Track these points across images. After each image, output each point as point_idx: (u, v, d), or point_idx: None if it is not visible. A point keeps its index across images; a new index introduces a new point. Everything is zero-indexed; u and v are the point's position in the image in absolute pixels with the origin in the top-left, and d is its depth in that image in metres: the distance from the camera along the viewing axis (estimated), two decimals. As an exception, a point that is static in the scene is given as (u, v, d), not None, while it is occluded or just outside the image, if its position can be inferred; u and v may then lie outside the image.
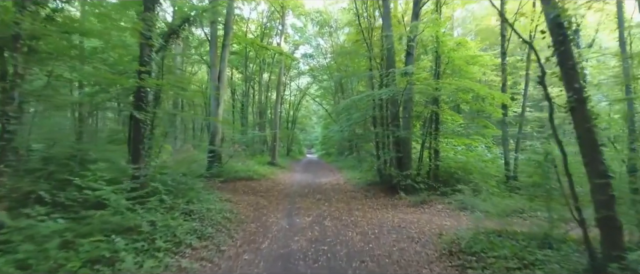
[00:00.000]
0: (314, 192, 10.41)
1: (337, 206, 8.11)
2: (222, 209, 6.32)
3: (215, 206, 6.29)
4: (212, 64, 12.56)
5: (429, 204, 8.19)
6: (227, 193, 9.01)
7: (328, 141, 31.67)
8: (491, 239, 4.85)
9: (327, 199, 9.24)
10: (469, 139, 10.63)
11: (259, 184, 11.28)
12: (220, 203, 7.00)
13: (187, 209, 5.39)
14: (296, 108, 33.71)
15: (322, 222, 6.55)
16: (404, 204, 8.41)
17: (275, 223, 6.43)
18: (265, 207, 7.80)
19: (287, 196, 9.60)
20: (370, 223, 6.50)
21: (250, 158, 20.05)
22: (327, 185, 12.15)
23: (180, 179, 6.19)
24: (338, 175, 15.60)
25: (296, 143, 36.39)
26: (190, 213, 5.36)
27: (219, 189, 9.44)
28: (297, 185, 11.95)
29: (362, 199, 9.18)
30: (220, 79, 12.58)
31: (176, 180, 5.88)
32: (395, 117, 9.75)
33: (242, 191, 9.79)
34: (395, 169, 9.32)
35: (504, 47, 11.10)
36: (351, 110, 10.82)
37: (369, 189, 10.50)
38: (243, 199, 8.48)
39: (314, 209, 7.72)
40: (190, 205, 5.57)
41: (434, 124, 10.52)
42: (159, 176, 5.78)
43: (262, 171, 13.78)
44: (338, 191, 10.73)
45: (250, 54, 24.84)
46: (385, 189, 9.89)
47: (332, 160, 26.52)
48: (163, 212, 4.87)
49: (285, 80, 29.56)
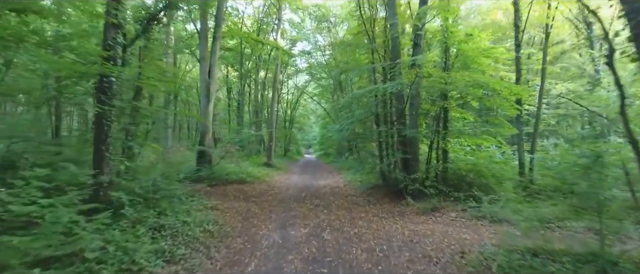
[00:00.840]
0: (312, 196, 9.49)
1: (338, 214, 7.19)
2: (203, 221, 5.38)
3: (195, 217, 5.34)
4: (201, 57, 11.61)
5: (440, 212, 7.28)
6: (214, 199, 8.08)
7: (326, 141, 30.76)
8: (529, 261, 3.94)
9: (326, 205, 8.33)
10: (481, 139, 9.71)
11: (252, 188, 10.35)
12: (203, 212, 6.07)
13: (157, 224, 4.44)
14: (294, 107, 32.78)
15: (321, 234, 5.62)
16: (412, 211, 7.49)
17: (266, 236, 5.50)
18: (256, 215, 6.86)
19: (282, 201, 8.68)
20: (377, 235, 5.58)
21: (246, 159, 19.11)
22: (326, 188, 11.23)
23: (155, 185, 5.24)
24: (337, 177, 14.69)
25: (294, 143, 35.47)
26: (161, 229, 4.42)
27: (206, 195, 8.51)
28: (294, 188, 11.03)
29: (364, 205, 8.27)
30: (211, 74, 11.64)
31: (145, 187, 4.91)
32: (402, 114, 8.83)
33: (233, 196, 8.86)
34: (401, 172, 8.40)
35: (517, 38, 10.22)
36: (353, 106, 9.87)
37: (371, 193, 9.58)
38: (232, 206, 7.55)
39: (312, 218, 6.80)
40: (162, 218, 4.62)
41: (442, 122, 9.62)
42: (126, 183, 4.82)
43: (257, 173, 12.85)
44: (338, 195, 9.81)
45: (245, 50, 23.95)
46: (390, 194, 8.98)
47: (331, 161, 25.61)
48: (124, 229, 3.94)
49: (282, 78, 28.65)
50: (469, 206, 7.42)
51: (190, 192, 7.90)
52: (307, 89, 32.19)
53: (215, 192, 9.24)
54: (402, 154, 8.15)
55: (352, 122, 9.29)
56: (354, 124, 9.78)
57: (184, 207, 5.50)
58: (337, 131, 9.46)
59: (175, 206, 5.17)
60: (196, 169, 11.11)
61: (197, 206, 6.61)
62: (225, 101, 28.47)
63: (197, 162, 11.27)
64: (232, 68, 25.98)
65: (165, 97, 19.51)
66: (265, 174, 13.52)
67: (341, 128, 9.11)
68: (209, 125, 11.47)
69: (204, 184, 10.18)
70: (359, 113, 9.23)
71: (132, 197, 4.51)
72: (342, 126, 9.04)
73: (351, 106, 9.75)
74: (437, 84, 8.65)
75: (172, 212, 4.90)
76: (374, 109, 9.43)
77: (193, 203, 6.55)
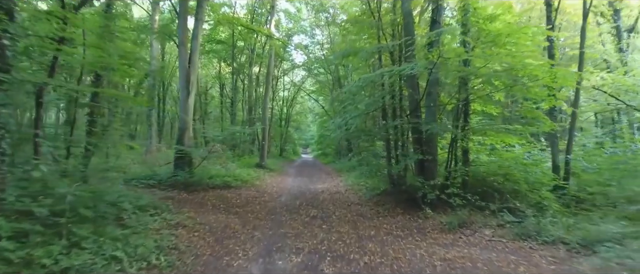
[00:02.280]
0: (308, 205, 7.92)
1: (341, 232, 5.63)
2: (152, 251, 3.78)
3: (141, 245, 3.74)
4: (180, 42, 10.00)
5: (470, 228, 5.72)
6: (187, 211, 6.49)
7: (325, 140, 29.18)
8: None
9: (325, 216, 6.76)
10: (508, 136, 8.17)
11: (238, 195, 8.76)
12: (160, 235, 4.47)
13: (54, 270, 2.79)
14: (290, 104, 31.17)
15: (319, 267, 4.05)
16: (434, 226, 5.94)
17: (241, 269, 3.93)
18: (234, 235, 5.28)
19: (271, 212, 7.10)
20: (398, 269, 4.02)
21: (237, 159, 17.51)
22: (324, 194, 9.67)
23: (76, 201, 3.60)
24: (337, 179, 13.13)
25: (290, 143, 33.90)
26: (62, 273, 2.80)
27: (178, 204, 6.92)
28: (287, 194, 9.45)
29: (373, 217, 6.71)
30: (191, 62, 10.03)
31: (46, 206, 3.20)
32: (417, 106, 7.26)
33: (211, 206, 7.27)
34: (417, 176, 6.84)
35: (550, 19, 8.71)
36: (357, 98, 8.23)
37: (379, 201, 8.01)
38: (206, 220, 5.96)
39: (307, 238, 5.23)
40: (71, 255, 2.98)
41: (463, 116, 8.09)
42: (20, 203, 3.18)
43: (245, 176, 11.27)
44: (339, 203, 8.24)
45: (238, 43, 22.34)
46: (403, 203, 7.42)
47: (330, 161, 24.06)
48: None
49: (277, 73, 27.05)
50: (505, 221, 5.88)
51: (157, 202, 6.33)
52: (304, 85, 30.59)
53: (191, 200, 7.65)
54: (420, 154, 6.56)
55: (357, 116, 7.69)
56: (360, 117, 8.15)
57: (125, 231, 3.89)
58: (339, 127, 7.86)
59: (106, 231, 3.58)
60: (173, 172, 9.53)
61: (157, 223, 5.02)
62: (219, 99, 26.91)
63: (175, 164, 9.67)
64: (225, 63, 24.39)
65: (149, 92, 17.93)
66: (255, 177, 11.94)
67: (343, 123, 7.52)
68: (188, 121, 9.87)
69: (180, 191, 8.60)
70: (367, 103, 7.55)
71: (24, 223, 2.92)
72: (345, 121, 7.44)
73: (355, 97, 8.15)
74: (455, 69, 7.10)
75: (97, 242, 3.30)
76: (381, 101, 7.81)
77: (151, 220, 4.96)
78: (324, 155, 28.16)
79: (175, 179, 9.04)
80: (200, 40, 10.48)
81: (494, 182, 7.64)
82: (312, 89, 30.31)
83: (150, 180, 9.27)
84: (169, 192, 8.40)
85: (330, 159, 24.66)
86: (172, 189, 8.70)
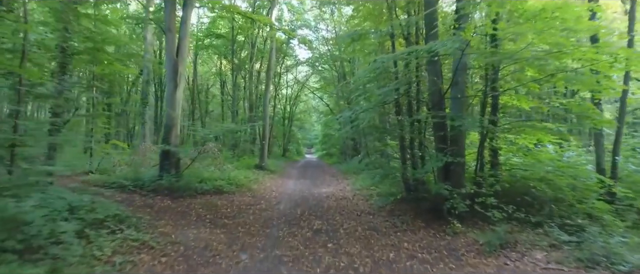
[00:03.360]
0: (311, 215, 6.75)
1: (351, 253, 4.45)
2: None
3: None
4: (167, 28, 8.86)
5: (516, 250, 4.50)
6: (165, 223, 5.37)
7: (329, 140, 27.98)
8: None
9: (331, 230, 5.59)
10: (547, 134, 6.92)
11: (230, 202, 7.61)
12: (110, 262, 3.33)
13: None
14: (293, 102, 29.98)
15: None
16: (467, 246, 4.73)
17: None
18: (214, 259, 4.11)
19: (267, 224, 5.93)
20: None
21: (236, 160, 16.38)
22: (330, 200, 8.49)
23: None
24: (343, 183, 11.95)
25: (294, 142, 32.75)
26: None
27: (156, 215, 5.81)
28: (287, 200, 8.29)
29: (389, 232, 5.52)
30: (179, 51, 8.90)
31: None
32: (441, 98, 6.05)
33: (196, 216, 6.13)
34: (443, 183, 5.63)
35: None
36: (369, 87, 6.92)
37: (394, 210, 6.82)
38: (184, 237, 4.81)
39: (308, 264, 4.06)
40: None
41: (492, 110, 6.88)
42: None
43: (242, 179, 10.13)
44: (347, 212, 7.06)
45: (238, 37, 21.23)
46: (423, 213, 6.23)
47: (334, 162, 22.87)
48: None
49: (280, 70, 25.92)
50: (559, 240, 4.66)
51: (127, 213, 5.22)
52: (308, 82, 29.40)
53: (173, 209, 6.51)
54: (449, 156, 5.34)
55: (370, 109, 6.44)
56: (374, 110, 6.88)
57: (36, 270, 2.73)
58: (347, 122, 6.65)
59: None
60: (158, 175, 8.42)
61: (113, 245, 3.87)
62: (219, 96, 25.81)
63: (160, 166, 8.55)
64: (226, 59, 23.30)
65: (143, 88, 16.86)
66: (253, 180, 10.79)
67: (353, 117, 6.29)
68: (175, 117, 8.74)
69: (164, 197, 7.48)
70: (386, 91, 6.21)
71: None
72: (355, 114, 6.21)
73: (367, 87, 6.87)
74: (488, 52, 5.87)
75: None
76: (397, 92, 6.53)
77: (104, 242, 3.81)
78: (329, 155, 27.00)
79: (158, 184, 7.92)
80: (190, 27, 9.35)
81: (531, 189, 6.43)
82: (316, 86, 29.13)
83: (133, 184, 8.18)
84: (150, 199, 7.30)
85: (335, 160, 23.50)
86: (155, 195, 7.59)
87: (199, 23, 22.88)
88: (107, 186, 8.45)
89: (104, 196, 7.31)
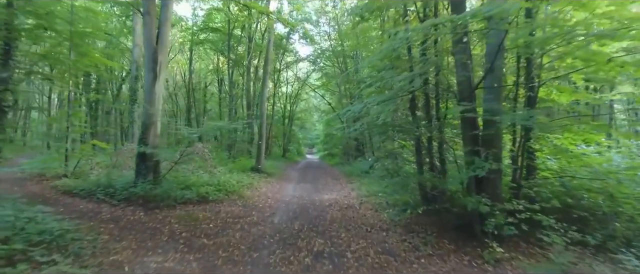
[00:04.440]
0: (311, 230, 5.57)
1: (364, 295, 3.27)
2: None
3: None
4: (145, 10, 7.69)
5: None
6: (124, 246, 4.21)
7: (331, 140, 26.80)
8: None
9: (335, 254, 4.41)
10: (594, 133, 5.74)
11: (215, 214, 6.42)
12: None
13: None
14: (293, 101, 28.79)
15: None
16: (517, 281, 3.55)
17: None
18: (175, 307, 2.94)
19: (255, 246, 4.75)
20: None
21: (231, 162, 15.22)
22: (333, 209, 7.31)
23: None
24: (347, 187, 10.77)
25: (294, 142, 31.57)
26: None
27: (119, 233, 4.66)
28: (284, 211, 7.11)
29: (409, 256, 4.33)
30: (159, 38, 7.74)
31: None
32: (472, 88, 4.85)
33: (169, 235, 4.96)
34: (476, 194, 4.44)
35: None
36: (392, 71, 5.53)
37: (411, 226, 5.63)
38: (143, 267, 3.64)
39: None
40: None
41: (527, 104, 5.70)
42: None
43: (233, 184, 8.95)
44: (354, 227, 5.86)
45: (235, 31, 20.10)
46: (450, 231, 5.04)
47: (337, 162, 21.69)
48: None
49: (279, 66, 24.74)
50: (633, 271, 3.49)
51: (72, 234, 4.08)
52: (309, 80, 28.21)
53: (143, 225, 5.35)
54: (489, 162, 4.14)
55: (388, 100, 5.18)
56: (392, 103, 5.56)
57: None
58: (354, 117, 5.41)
59: None
60: (134, 181, 7.27)
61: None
62: (217, 94, 24.67)
63: (136, 171, 7.40)
64: (224, 56, 22.16)
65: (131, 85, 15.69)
66: (246, 185, 9.62)
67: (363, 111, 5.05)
68: (155, 113, 7.58)
69: (136, 208, 6.33)
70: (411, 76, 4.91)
71: None
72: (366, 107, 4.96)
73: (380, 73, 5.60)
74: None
75: None
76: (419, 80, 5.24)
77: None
78: (330, 156, 25.85)
79: (131, 192, 6.77)
80: (171, 10, 8.18)
81: (581, 201, 5.25)
82: (318, 84, 27.96)
83: (103, 192, 7.05)
84: (120, 210, 6.16)
85: (337, 161, 22.33)
86: (127, 206, 6.45)
87: (193, 16, 21.80)
88: (76, 193, 7.34)
89: (62, 206, 6.20)
